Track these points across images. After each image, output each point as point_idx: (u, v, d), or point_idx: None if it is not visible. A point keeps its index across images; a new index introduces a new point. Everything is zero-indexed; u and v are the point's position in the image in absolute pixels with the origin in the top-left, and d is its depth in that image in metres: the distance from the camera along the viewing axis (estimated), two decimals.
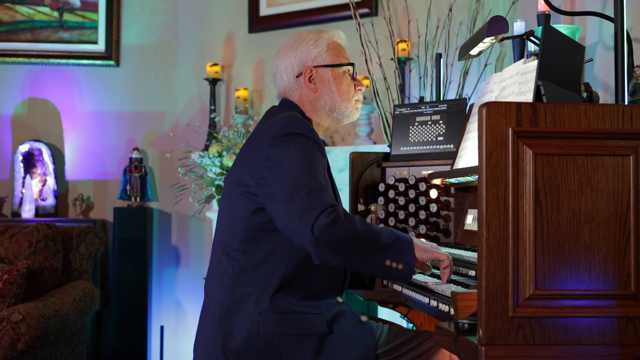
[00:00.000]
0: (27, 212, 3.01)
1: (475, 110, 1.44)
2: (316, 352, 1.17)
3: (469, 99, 2.32)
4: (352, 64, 1.32)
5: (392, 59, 2.51)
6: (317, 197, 1.12)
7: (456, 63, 2.42)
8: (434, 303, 1.18)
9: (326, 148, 2.66)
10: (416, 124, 1.72)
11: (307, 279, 1.20)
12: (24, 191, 3.04)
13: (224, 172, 2.74)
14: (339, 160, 2.62)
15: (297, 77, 1.30)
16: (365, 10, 2.67)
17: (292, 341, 1.16)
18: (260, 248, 1.20)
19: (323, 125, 1.33)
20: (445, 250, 1.43)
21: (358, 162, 1.74)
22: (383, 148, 2.45)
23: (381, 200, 1.70)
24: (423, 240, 1.33)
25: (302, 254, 1.19)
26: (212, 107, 3.01)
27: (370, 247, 1.12)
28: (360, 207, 1.73)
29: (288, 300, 1.19)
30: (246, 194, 1.20)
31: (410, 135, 1.73)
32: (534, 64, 1.23)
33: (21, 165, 3.06)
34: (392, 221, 1.67)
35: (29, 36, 3.14)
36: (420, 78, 2.51)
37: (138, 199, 3.04)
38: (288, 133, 1.17)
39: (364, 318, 1.23)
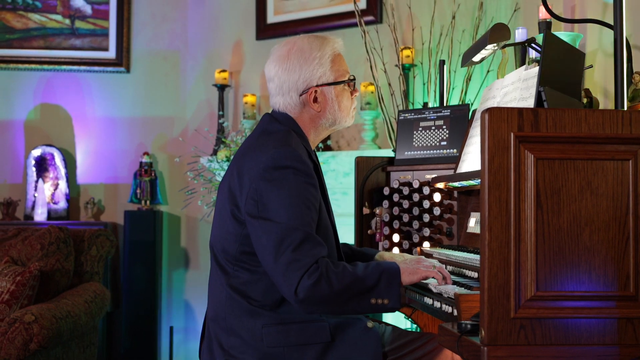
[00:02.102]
0: (40, 215, 3.05)
1: (477, 115, 1.46)
2: None
3: (472, 104, 2.34)
4: (354, 79, 1.32)
5: (396, 66, 2.54)
6: (302, 253, 1.11)
7: (459, 69, 2.44)
8: (437, 304, 1.20)
9: (332, 153, 2.69)
10: (420, 129, 1.74)
11: None
12: (36, 195, 3.08)
13: None
14: (344, 165, 2.64)
15: (301, 95, 1.28)
16: (371, 17, 2.70)
17: (296, 351, 1.17)
18: (254, 268, 1.20)
19: (319, 137, 1.33)
20: (448, 252, 1.45)
21: (363, 166, 1.76)
22: (388, 153, 2.46)
23: (386, 203, 1.72)
24: (410, 256, 1.33)
25: None
26: (221, 113, 3.05)
27: (355, 294, 1.14)
28: (366, 211, 1.76)
29: (292, 312, 1.19)
30: (238, 216, 1.20)
31: (414, 140, 1.75)
32: (535, 70, 1.25)
33: (34, 169, 3.10)
34: (396, 224, 1.70)
35: (41, 43, 3.20)
36: (424, 84, 2.53)
37: (148, 202, 3.07)
38: (279, 166, 1.16)
39: (370, 324, 1.23)
